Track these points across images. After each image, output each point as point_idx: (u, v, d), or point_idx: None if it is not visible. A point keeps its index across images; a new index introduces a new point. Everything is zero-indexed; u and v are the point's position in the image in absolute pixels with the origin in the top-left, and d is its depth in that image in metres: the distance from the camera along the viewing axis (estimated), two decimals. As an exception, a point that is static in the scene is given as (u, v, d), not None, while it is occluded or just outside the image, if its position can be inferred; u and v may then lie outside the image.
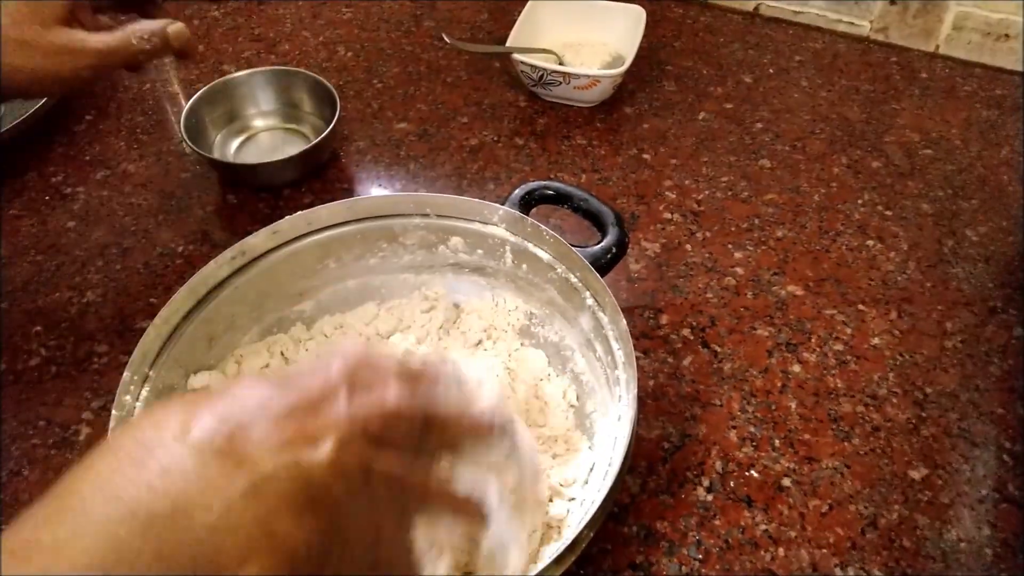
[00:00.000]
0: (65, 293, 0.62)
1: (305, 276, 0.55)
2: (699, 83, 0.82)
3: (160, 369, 0.47)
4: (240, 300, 0.52)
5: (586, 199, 0.54)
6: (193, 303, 0.50)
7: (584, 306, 0.51)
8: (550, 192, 0.55)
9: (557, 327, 0.55)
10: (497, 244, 0.54)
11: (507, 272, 0.55)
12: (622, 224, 0.53)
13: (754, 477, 0.52)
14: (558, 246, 0.51)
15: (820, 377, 0.57)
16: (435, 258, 0.57)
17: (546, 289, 0.54)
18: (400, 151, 0.75)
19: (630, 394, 0.44)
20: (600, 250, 0.52)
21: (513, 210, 0.53)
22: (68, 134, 0.76)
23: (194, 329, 0.50)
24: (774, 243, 0.66)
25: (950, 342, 0.59)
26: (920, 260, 0.65)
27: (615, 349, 0.47)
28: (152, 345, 0.47)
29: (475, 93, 0.81)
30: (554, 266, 0.52)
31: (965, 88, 0.82)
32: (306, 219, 0.54)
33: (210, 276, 0.50)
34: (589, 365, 0.52)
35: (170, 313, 0.48)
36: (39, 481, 0.51)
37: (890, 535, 0.49)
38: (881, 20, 0.86)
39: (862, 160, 0.74)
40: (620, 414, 0.45)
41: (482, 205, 0.53)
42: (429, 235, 0.56)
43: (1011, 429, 0.54)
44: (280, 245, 0.53)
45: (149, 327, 0.47)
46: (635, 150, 0.74)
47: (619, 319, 0.47)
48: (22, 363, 0.58)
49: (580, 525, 0.39)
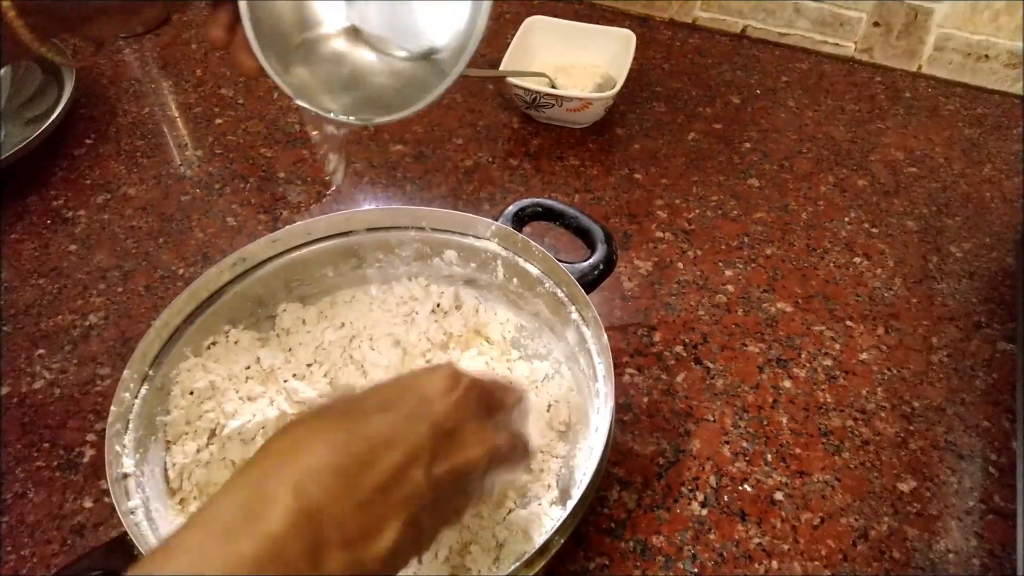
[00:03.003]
0: (67, 316, 0.63)
1: (303, 284, 0.57)
2: (688, 104, 0.84)
3: (159, 368, 0.49)
4: (239, 305, 0.54)
5: (577, 216, 0.56)
6: (194, 306, 0.52)
7: (570, 320, 0.52)
8: (541, 209, 0.57)
9: (545, 340, 0.57)
10: (489, 258, 0.56)
11: (499, 285, 0.57)
12: (611, 241, 0.55)
13: (747, 491, 0.53)
14: (546, 261, 0.53)
15: (810, 392, 0.58)
16: (430, 270, 0.58)
17: (535, 303, 0.55)
18: (396, 172, 0.76)
19: (608, 406, 0.46)
20: (588, 266, 0.54)
21: (505, 225, 0.55)
22: (68, 158, 0.77)
23: (194, 331, 0.52)
24: (763, 261, 0.68)
25: (936, 356, 0.61)
26: (906, 276, 0.67)
27: (596, 363, 0.49)
28: (152, 345, 0.49)
29: (470, 115, 0.82)
30: (543, 280, 0.54)
31: (948, 107, 0.84)
32: (306, 228, 0.56)
33: (211, 281, 0.53)
34: (575, 377, 0.54)
35: (171, 315, 0.50)
36: (44, 503, 0.52)
37: (880, 547, 0.50)
38: (865, 41, 0.89)
39: (848, 179, 0.76)
40: (598, 426, 0.47)
41: (476, 220, 0.55)
42: (424, 247, 0.57)
43: (996, 441, 0.56)
44: (280, 253, 0.55)
45: (150, 328, 0.49)
46: (626, 170, 0.76)
47: (601, 334, 0.49)
48: (26, 386, 0.59)
49: (551, 530, 0.40)
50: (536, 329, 0.57)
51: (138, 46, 0.91)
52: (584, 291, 0.51)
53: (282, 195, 0.73)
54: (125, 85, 0.86)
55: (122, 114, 0.82)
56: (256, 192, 0.74)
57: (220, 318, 0.54)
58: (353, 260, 0.58)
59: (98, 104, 0.83)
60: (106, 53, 0.90)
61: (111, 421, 0.45)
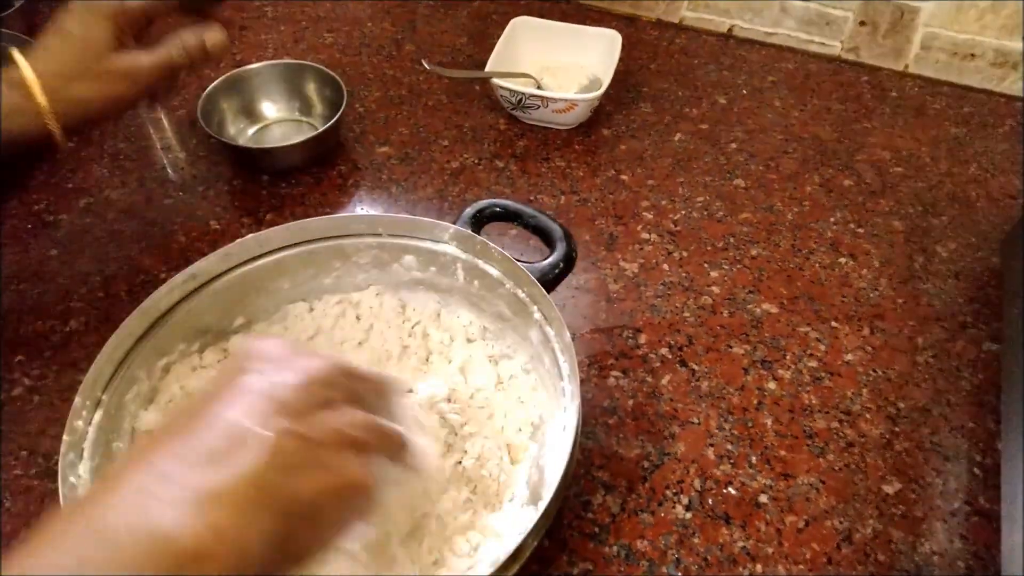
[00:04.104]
0: (48, 321, 0.63)
1: (259, 296, 0.56)
2: (675, 104, 0.84)
3: (112, 393, 0.47)
4: (193, 323, 0.53)
5: (535, 216, 0.56)
6: (146, 326, 0.50)
7: (532, 320, 0.52)
8: (499, 210, 0.57)
9: (510, 341, 0.56)
10: (449, 261, 0.55)
11: (460, 288, 0.56)
12: (570, 240, 0.55)
13: (732, 494, 0.53)
14: (506, 263, 0.53)
15: (795, 394, 0.58)
16: (389, 276, 0.58)
17: (497, 304, 0.55)
18: (382, 175, 0.76)
19: (574, 404, 0.46)
20: (548, 266, 0.53)
21: (463, 228, 0.54)
22: (50, 161, 0.76)
23: (147, 352, 0.50)
24: (749, 262, 0.68)
25: (921, 357, 0.61)
26: (892, 277, 0.67)
27: (560, 361, 0.49)
28: (104, 369, 0.47)
29: (456, 116, 0.82)
30: (503, 282, 0.53)
31: (934, 106, 0.84)
32: (257, 241, 0.54)
33: (162, 300, 0.51)
34: (539, 377, 0.53)
35: (121, 337, 0.48)
36: (22, 512, 0.51)
37: (865, 549, 0.50)
38: (852, 40, 0.88)
39: (834, 178, 0.75)
40: (565, 424, 0.46)
41: (433, 224, 0.55)
42: (382, 254, 0.56)
43: (982, 442, 0.56)
44: (232, 267, 0.54)
45: (100, 352, 0.47)
46: (613, 171, 0.76)
47: (564, 332, 0.48)
48: (4, 393, 0.58)
49: (523, 534, 0.40)
50: (500, 330, 0.57)
51: (121, 48, 0.90)
52: (545, 290, 0.51)
53: (266, 198, 0.73)
54: (108, 87, 0.85)
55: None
56: (240, 195, 0.73)
57: (174, 337, 0.52)
58: (311, 270, 0.56)
59: (81, 107, 0.83)
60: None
61: (64, 451, 0.42)
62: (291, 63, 0.81)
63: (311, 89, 0.81)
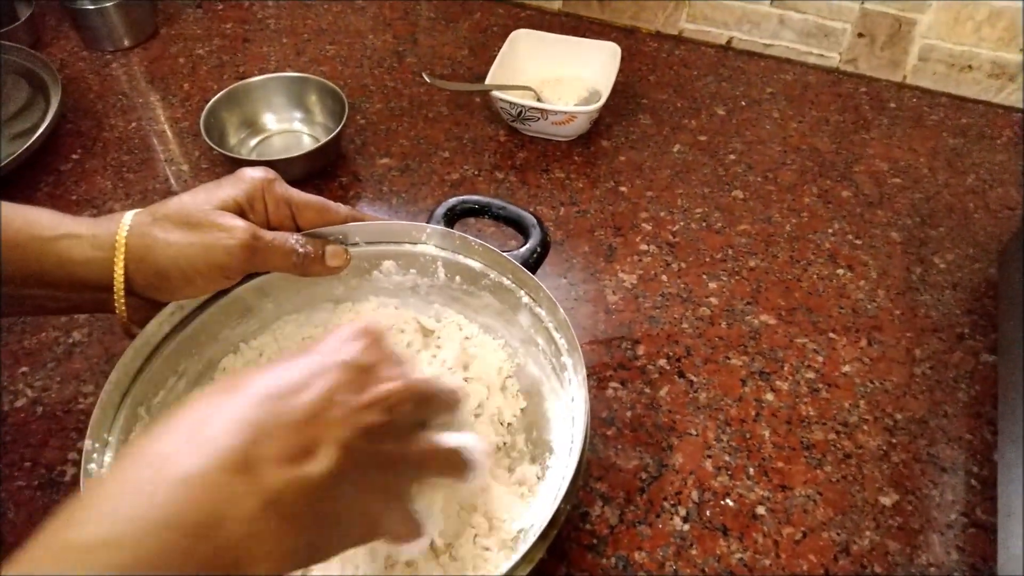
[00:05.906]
0: (51, 333, 0.63)
1: (244, 320, 0.55)
2: (674, 116, 0.84)
3: (118, 432, 0.46)
4: (185, 353, 0.52)
5: (504, 207, 0.57)
6: (140, 363, 0.49)
7: (520, 304, 0.53)
8: (469, 204, 0.57)
9: (500, 331, 0.56)
10: (429, 261, 0.56)
11: (442, 287, 0.57)
12: (542, 225, 0.55)
13: (729, 506, 0.53)
14: (487, 253, 0.53)
15: (793, 405, 0.59)
16: (369, 284, 0.57)
17: (482, 296, 0.55)
18: (383, 186, 0.76)
19: (579, 375, 0.46)
20: (526, 251, 0.54)
21: (440, 226, 0.55)
22: (54, 173, 0.77)
23: (143, 387, 0.49)
24: (747, 273, 0.68)
25: (919, 369, 0.61)
26: (889, 288, 0.67)
27: (557, 339, 0.50)
28: (107, 412, 0.46)
29: (456, 128, 0.83)
30: (487, 273, 0.54)
31: (932, 117, 0.85)
32: None
33: (152, 335, 0.50)
34: (534, 360, 0.54)
35: (119, 376, 0.48)
36: (25, 523, 0.52)
37: (862, 561, 0.50)
38: (850, 52, 0.89)
39: (832, 190, 0.76)
40: (573, 395, 0.47)
41: (410, 226, 0.55)
42: (361, 262, 0.56)
43: (978, 454, 0.56)
44: (217, 296, 0.53)
45: (102, 393, 0.46)
46: (612, 183, 0.76)
47: (556, 310, 0.49)
48: (8, 404, 0.58)
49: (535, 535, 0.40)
50: (487, 322, 0.57)
51: (125, 60, 0.91)
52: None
53: (268, 210, 0.73)
54: (112, 100, 0.86)
55: (109, 129, 0.83)
56: (242, 207, 0.74)
57: (167, 370, 0.51)
58: (289, 289, 0.56)
59: (85, 119, 0.84)
60: (93, 68, 0.90)
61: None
62: (293, 75, 0.81)
63: (313, 101, 0.82)
